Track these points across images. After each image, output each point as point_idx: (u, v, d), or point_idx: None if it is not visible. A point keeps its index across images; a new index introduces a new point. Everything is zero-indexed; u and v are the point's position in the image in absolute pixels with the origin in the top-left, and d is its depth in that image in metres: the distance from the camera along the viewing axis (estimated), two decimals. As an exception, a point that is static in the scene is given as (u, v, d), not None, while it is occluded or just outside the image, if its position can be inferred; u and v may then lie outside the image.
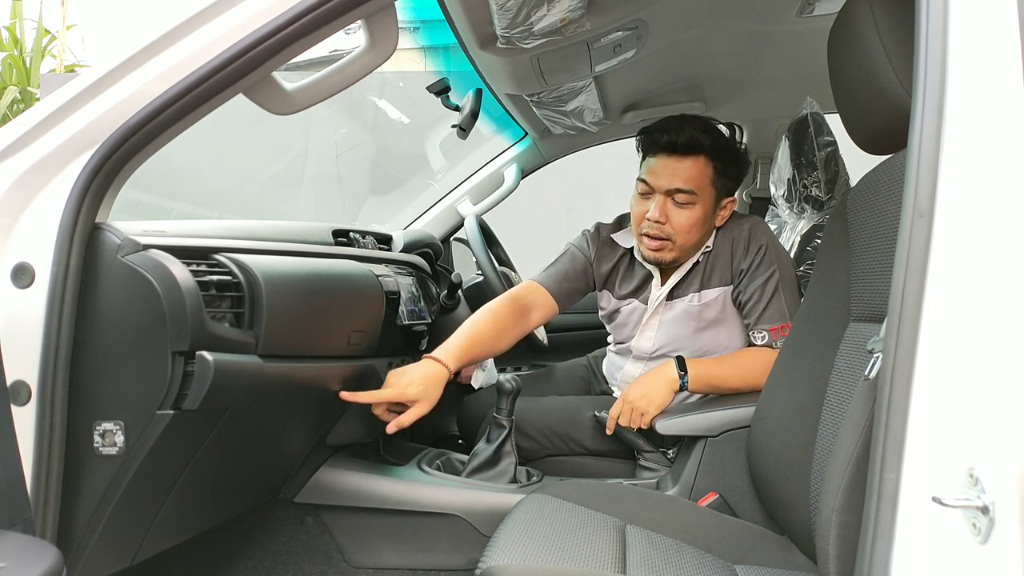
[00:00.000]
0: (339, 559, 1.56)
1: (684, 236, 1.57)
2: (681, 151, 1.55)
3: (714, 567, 1.09)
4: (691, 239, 1.58)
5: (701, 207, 1.56)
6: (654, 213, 1.56)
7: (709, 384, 1.54)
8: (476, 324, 1.60)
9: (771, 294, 1.55)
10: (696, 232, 1.58)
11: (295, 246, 1.38)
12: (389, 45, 1.09)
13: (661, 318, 1.68)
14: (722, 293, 1.62)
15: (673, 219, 1.56)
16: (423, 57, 3.87)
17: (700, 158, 1.55)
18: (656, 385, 1.53)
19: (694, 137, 1.54)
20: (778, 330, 1.53)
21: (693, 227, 1.56)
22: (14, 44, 4.92)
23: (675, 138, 1.54)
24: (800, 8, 1.65)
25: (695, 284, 1.63)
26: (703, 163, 1.55)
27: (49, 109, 0.98)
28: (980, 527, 0.63)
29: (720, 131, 1.61)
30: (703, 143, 1.55)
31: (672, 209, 1.56)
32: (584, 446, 1.70)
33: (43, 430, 0.94)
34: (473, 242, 2.00)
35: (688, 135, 1.54)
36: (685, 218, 1.56)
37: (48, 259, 0.95)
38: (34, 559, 0.75)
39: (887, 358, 0.71)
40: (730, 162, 1.60)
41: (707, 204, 1.57)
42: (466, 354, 1.52)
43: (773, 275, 1.56)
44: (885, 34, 0.95)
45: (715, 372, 1.54)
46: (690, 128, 1.55)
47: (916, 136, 0.72)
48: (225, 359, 1.05)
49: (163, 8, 1.07)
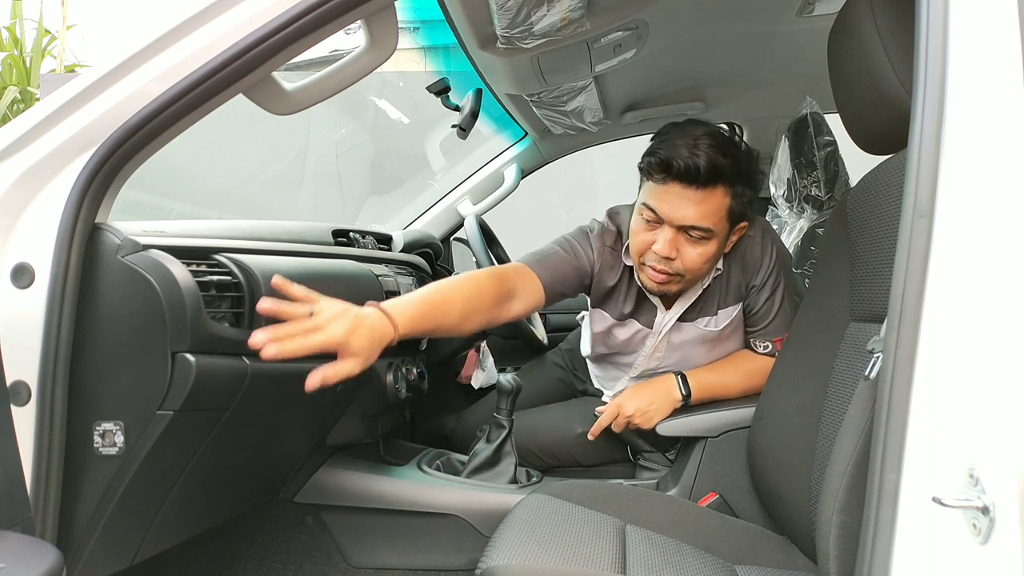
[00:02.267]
0: (339, 559, 1.56)
1: (695, 272, 1.40)
2: (700, 182, 1.31)
3: (714, 567, 1.09)
4: (702, 272, 1.43)
5: (717, 242, 1.38)
6: (663, 248, 1.35)
7: (712, 395, 1.51)
8: (446, 294, 1.29)
9: (779, 306, 1.51)
10: (708, 265, 1.42)
11: (295, 246, 1.38)
12: (389, 45, 1.09)
13: (669, 339, 1.55)
14: (736, 310, 1.52)
15: (684, 255, 1.37)
16: (423, 57, 3.87)
17: (719, 189, 1.33)
18: (656, 402, 1.48)
19: (714, 165, 1.30)
20: (782, 341, 1.49)
21: (706, 262, 1.39)
22: (14, 44, 4.92)
23: (692, 165, 1.30)
24: (800, 8, 1.65)
25: (708, 308, 1.51)
26: (721, 194, 1.34)
27: (49, 109, 0.98)
28: (980, 527, 0.63)
29: (737, 151, 1.37)
30: (724, 171, 1.32)
31: (683, 244, 1.36)
32: (579, 463, 1.70)
33: (43, 430, 0.94)
34: (473, 242, 2.00)
35: (707, 163, 1.30)
36: (698, 254, 1.37)
37: (48, 259, 0.95)
38: (34, 559, 0.75)
39: (887, 358, 0.71)
40: (748, 187, 1.38)
41: (721, 237, 1.39)
42: (421, 323, 1.20)
43: (779, 286, 1.50)
44: (885, 34, 0.95)
45: (716, 382, 1.52)
46: (707, 151, 1.30)
47: (916, 136, 0.72)
48: (208, 361, 1.05)
49: (163, 8, 1.07)
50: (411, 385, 1.70)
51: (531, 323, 2.08)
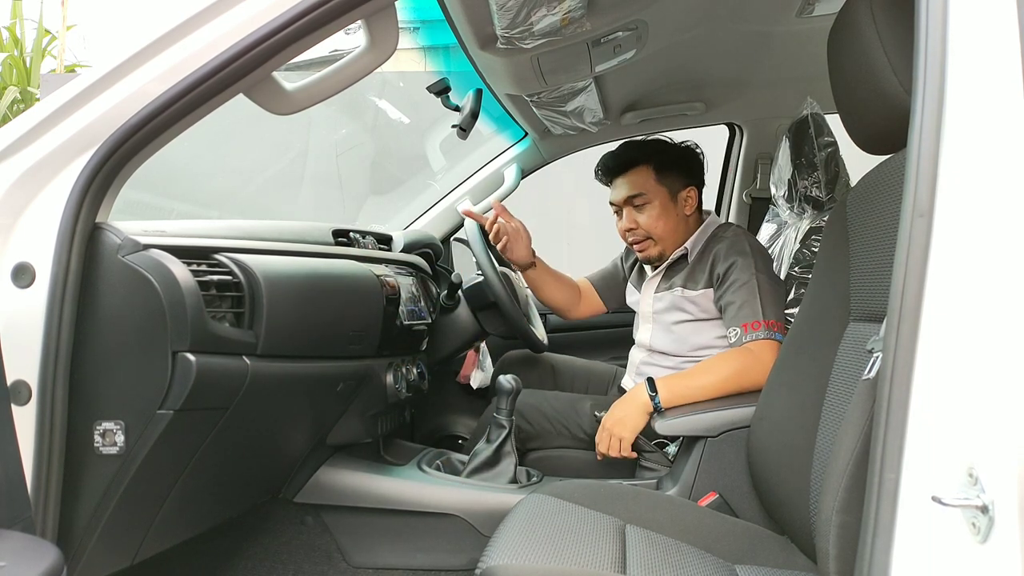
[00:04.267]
0: (339, 559, 1.56)
1: (656, 230, 1.79)
2: (618, 172, 1.83)
3: (714, 567, 1.09)
4: (664, 231, 1.79)
5: (658, 203, 1.79)
6: (624, 222, 1.84)
7: (684, 397, 1.55)
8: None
9: (745, 296, 1.61)
10: (665, 223, 1.79)
11: (295, 246, 1.38)
12: (389, 45, 1.09)
13: (653, 308, 1.82)
14: (706, 293, 1.71)
15: (640, 221, 1.80)
16: (423, 57, 3.87)
17: (638, 168, 1.80)
18: (629, 411, 1.58)
19: (621, 156, 1.83)
20: (750, 327, 1.57)
21: (658, 220, 1.78)
22: (14, 44, 4.92)
23: (609, 164, 1.84)
24: (800, 8, 1.65)
25: (684, 282, 1.75)
26: (642, 169, 1.79)
27: (49, 109, 0.98)
28: (980, 526, 0.64)
29: (652, 140, 1.87)
30: (633, 156, 1.81)
31: (635, 214, 1.81)
32: (584, 431, 1.73)
33: (43, 430, 0.94)
34: (473, 242, 2.00)
35: (616, 158, 1.83)
36: (647, 216, 1.79)
37: (48, 259, 0.95)
38: (34, 558, 0.75)
39: (887, 358, 0.71)
40: (668, 159, 1.80)
41: (662, 199, 1.79)
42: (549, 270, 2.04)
43: (750, 280, 1.62)
44: (885, 34, 0.95)
45: (686, 383, 1.57)
46: (620, 151, 1.84)
47: (916, 136, 0.72)
48: (208, 361, 1.05)
49: (163, 8, 1.07)
50: (411, 385, 1.70)
51: (531, 323, 2.09)
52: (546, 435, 1.77)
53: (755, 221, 2.43)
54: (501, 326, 2.02)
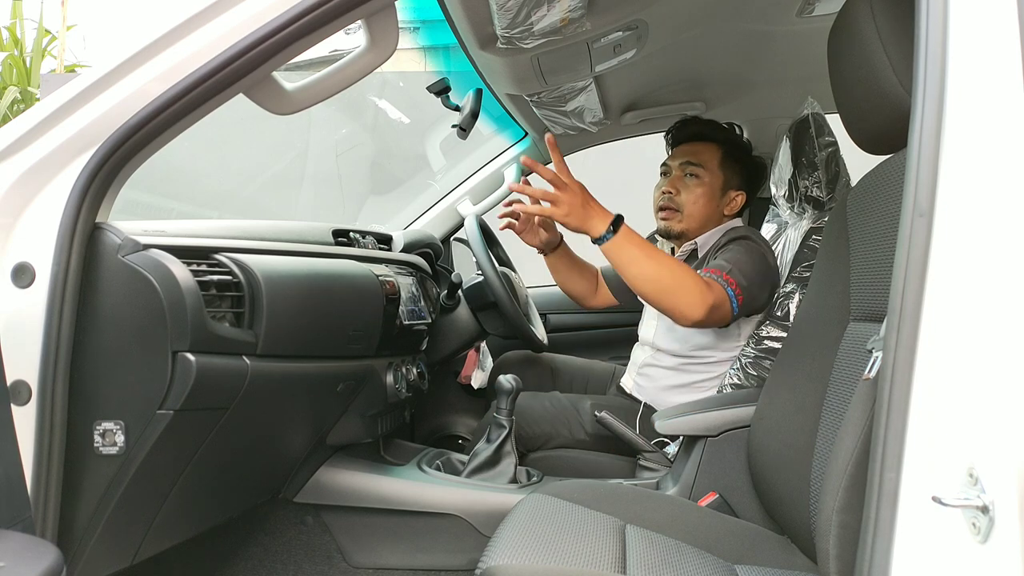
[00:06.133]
0: (339, 559, 1.56)
1: (690, 208, 1.77)
2: (689, 139, 1.82)
3: (714, 567, 1.09)
4: (698, 213, 1.77)
5: (708, 185, 1.77)
6: (668, 184, 1.79)
7: (624, 254, 1.41)
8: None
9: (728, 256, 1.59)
10: (701, 208, 1.77)
11: (295, 246, 1.38)
12: (389, 45, 1.09)
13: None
14: None
15: (682, 192, 1.78)
16: (423, 57, 3.87)
17: (709, 144, 1.79)
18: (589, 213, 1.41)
19: (699, 125, 1.83)
20: (720, 274, 1.50)
21: (699, 201, 1.77)
22: (14, 44, 4.93)
23: (689, 130, 1.83)
24: (800, 8, 1.65)
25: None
26: (713, 146, 1.79)
27: (49, 109, 0.98)
28: (980, 527, 0.63)
29: (731, 128, 1.87)
30: (711, 132, 1.81)
31: (682, 183, 1.78)
32: (584, 431, 1.73)
33: (43, 430, 0.94)
34: (473, 242, 2.00)
35: (694, 125, 1.83)
36: (692, 192, 1.77)
37: (48, 259, 0.95)
38: (34, 558, 0.75)
39: (887, 358, 0.71)
40: (739, 150, 1.81)
41: (714, 184, 1.77)
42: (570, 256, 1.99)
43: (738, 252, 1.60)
44: (885, 34, 0.95)
45: (637, 252, 1.41)
46: (700, 120, 1.85)
47: (916, 136, 0.72)
48: (208, 360, 1.05)
49: (163, 8, 1.07)
50: (411, 385, 1.70)
51: (531, 323, 2.09)
52: (546, 435, 1.77)
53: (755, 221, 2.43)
54: (501, 326, 2.02)
